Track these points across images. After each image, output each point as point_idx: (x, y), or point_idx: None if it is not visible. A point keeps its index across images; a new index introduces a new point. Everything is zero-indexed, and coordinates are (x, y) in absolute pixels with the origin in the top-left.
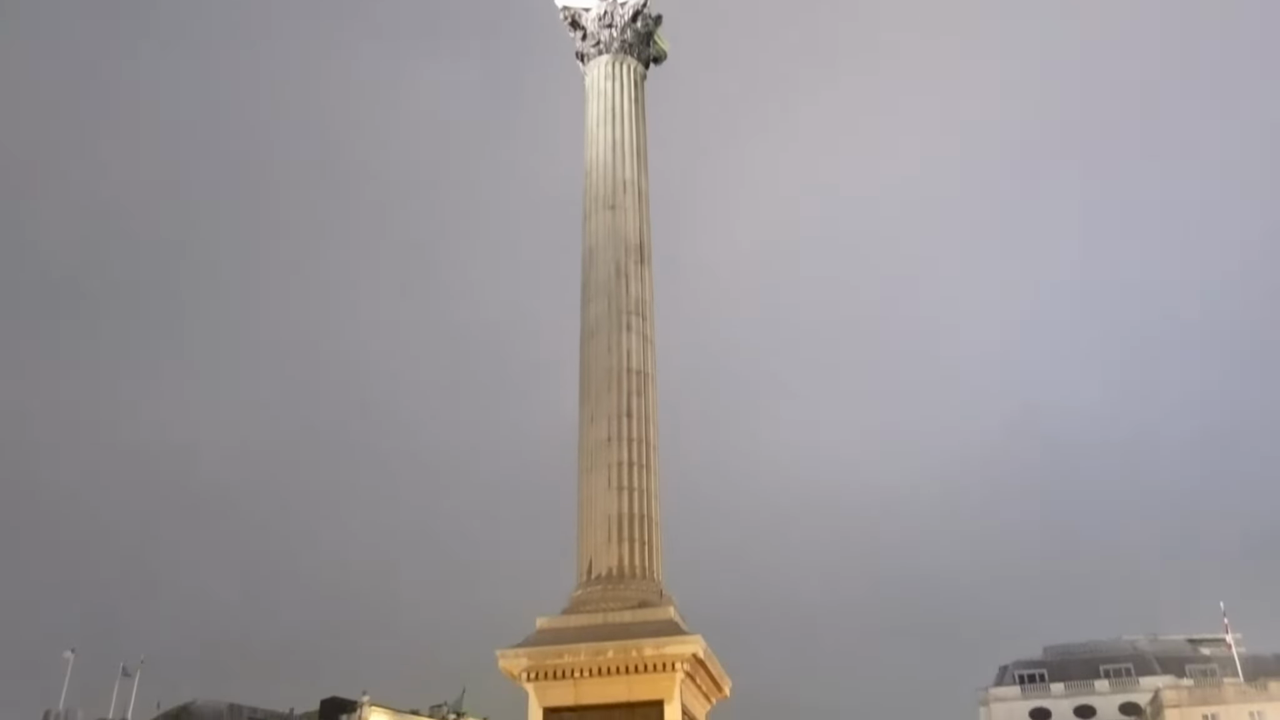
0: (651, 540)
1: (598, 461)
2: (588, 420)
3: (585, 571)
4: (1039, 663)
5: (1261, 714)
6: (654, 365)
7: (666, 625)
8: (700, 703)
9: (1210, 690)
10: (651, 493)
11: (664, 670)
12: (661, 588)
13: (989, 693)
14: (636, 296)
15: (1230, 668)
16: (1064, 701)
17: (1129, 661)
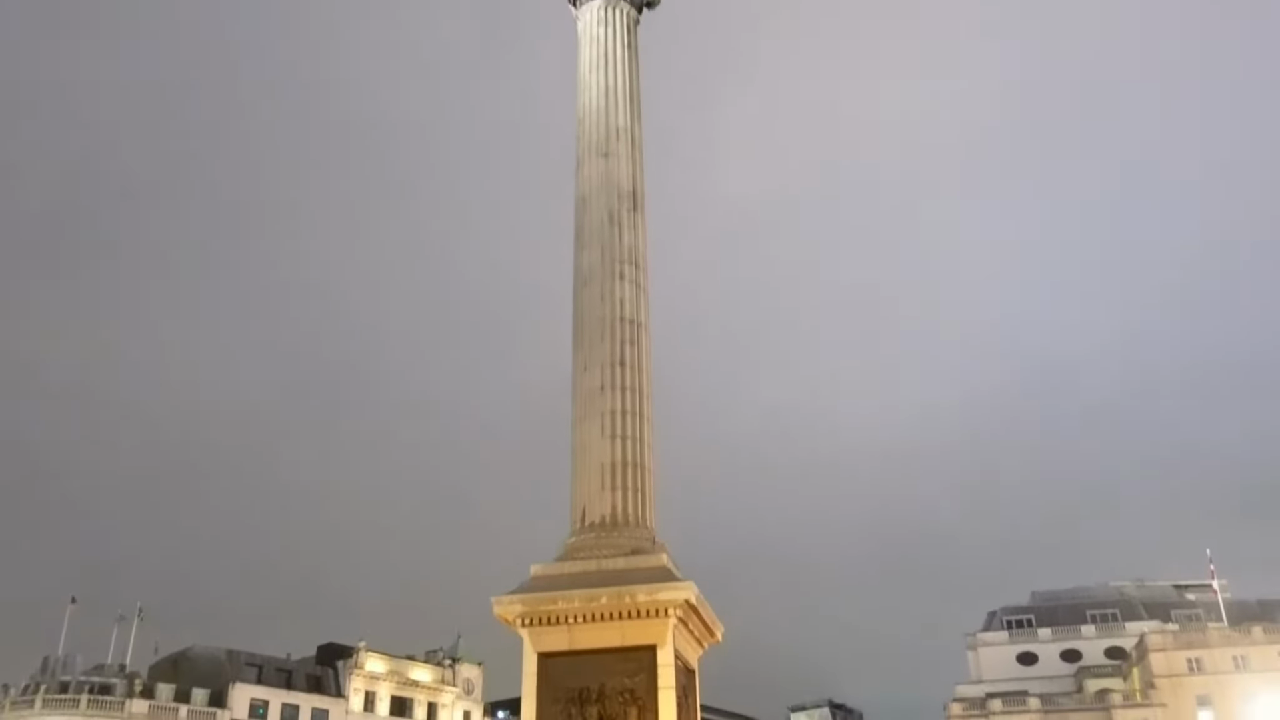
0: (644, 488)
1: (591, 410)
2: (581, 369)
3: (579, 519)
4: (1027, 608)
5: (1245, 658)
6: (647, 314)
7: (659, 572)
8: (693, 647)
9: (1195, 635)
10: (644, 441)
11: (657, 616)
12: (654, 535)
13: (977, 637)
14: (630, 245)
15: (1215, 613)
16: (1050, 646)
17: (1115, 607)
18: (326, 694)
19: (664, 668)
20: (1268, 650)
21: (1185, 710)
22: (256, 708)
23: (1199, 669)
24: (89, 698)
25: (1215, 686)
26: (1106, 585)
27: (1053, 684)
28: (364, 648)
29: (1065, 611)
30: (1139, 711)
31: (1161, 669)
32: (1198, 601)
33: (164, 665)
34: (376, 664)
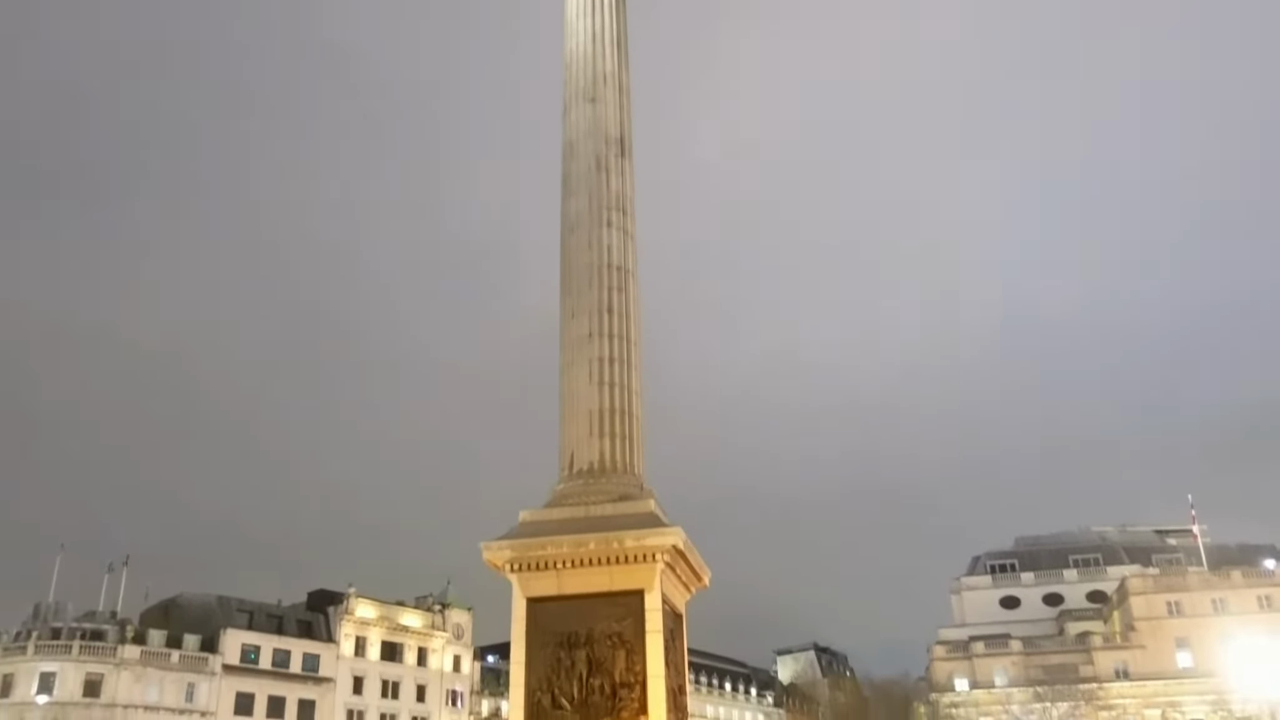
0: (632, 435)
1: (579, 357)
2: (568, 316)
3: (567, 466)
4: (1010, 553)
5: (1223, 601)
6: (635, 261)
7: (647, 518)
8: (680, 592)
9: (1175, 578)
10: (632, 388)
11: (644, 561)
12: (642, 481)
13: (961, 582)
14: (617, 191)
15: (1195, 557)
16: (1033, 590)
17: (1097, 552)
18: (317, 639)
19: (652, 612)
20: (1246, 594)
21: (1164, 652)
22: (248, 653)
23: (1178, 612)
24: (81, 644)
25: (1194, 629)
26: (1089, 530)
27: (1035, 627)
28: (354, 594)
29: (1048, 556)
30: (1118, 653)
31: (1141, 612)
32: (1179, 546)
33: (155, 612)
34: (367, 610)
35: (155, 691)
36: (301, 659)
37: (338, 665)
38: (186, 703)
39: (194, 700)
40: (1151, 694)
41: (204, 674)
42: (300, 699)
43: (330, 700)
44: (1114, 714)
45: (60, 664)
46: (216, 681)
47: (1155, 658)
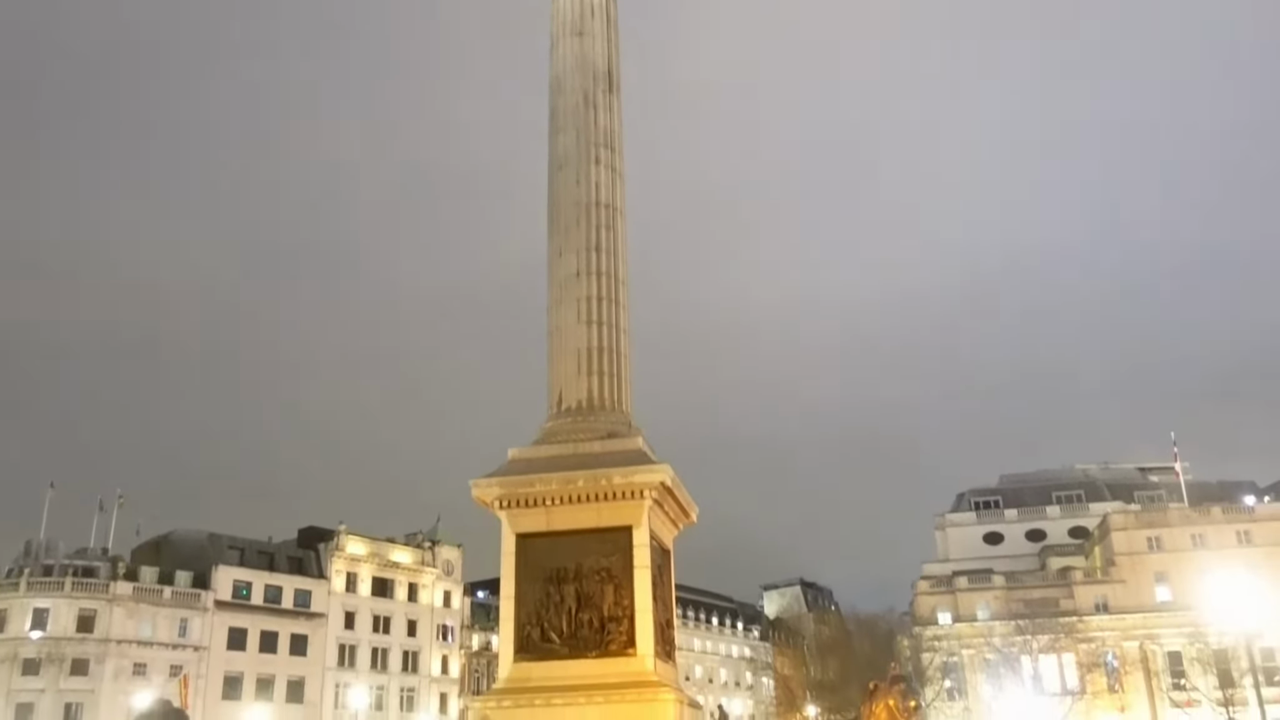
0: (620, 373)
1: (567, 295)
2: (556, 254)
3: (555, 403)
4: (994, 490)
5: (1202, 536)
6: (623, 199)
7: (635, 455)
8: (668, 528)
9: (1156, 515)
10: (620, 327)
11: (632, 498)
12: (630, 419)
13: (945, 518)
14: (605, 128)
15: (1177, 494)
16: (1016, 526)
17: (1080, 489)
18: (309, 576)
19: (639, 548)
20: (1225, 529)
21: (1143, 586)
22: (240, 589)
23: (1158, 547)
24: (74, 580)
25: (1173, 564)
26: (1072, 468)
27: (1017, 563)
28: (344, 531)
29: (1031, 493)
30: (1098, 588)
31: (1122, 547)
32: (1160, 484)
33: (146, 549)
34: (357, 546)
35: (148, 627)
36: (293, 595)
37: (329, 601)
38: (180, 637)
39: (187, 635)
40: (1130, 627)
41: (196, 610)
42: (293, 634)
43: (322, 635)
44: (1092, 646)
45: (53, 600)
46: (209, 617)
47: (1134, 592)
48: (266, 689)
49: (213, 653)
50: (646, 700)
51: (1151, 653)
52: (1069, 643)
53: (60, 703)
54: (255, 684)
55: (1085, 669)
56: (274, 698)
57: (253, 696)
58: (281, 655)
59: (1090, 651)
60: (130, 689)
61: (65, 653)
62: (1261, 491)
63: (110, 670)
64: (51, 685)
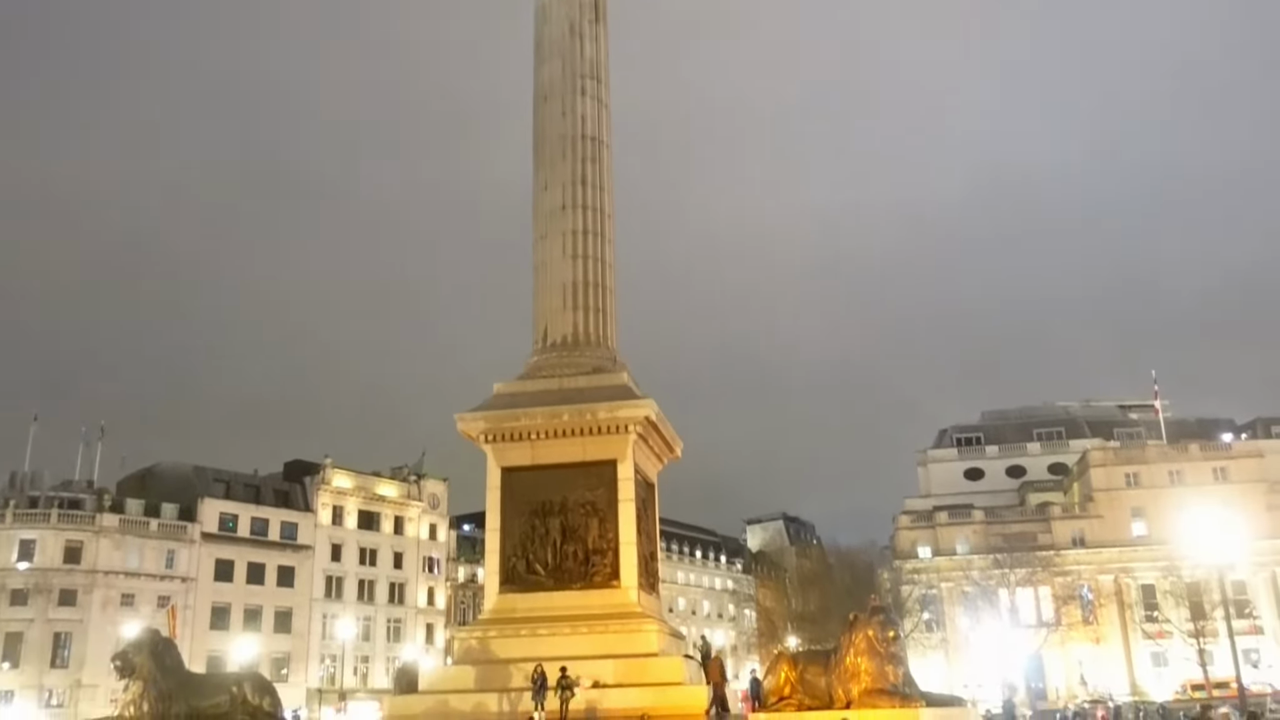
0: (606, 308)
1: (552, 229)
2: (541, 187)
3: (541, 338)
4: (976, 427)
5: (1179, 473)
6: (609, 131)
7: (620, 390)
8: (652, 462)
9: (1134, 451)
10: (606, 261)
11: (617, 432)
12: (615, 354)
13: (927, 454)
14: (591, 59)
15: (1156, 432)
16: (997, 462)
17: (1061, 426)
18: (295, 509)
19: (624, 481)
20: (1202, 466)
21: (1120, 521)
22: (226, 521)
23: (1136, 483)
24: (59, 512)
25: (1150, 499)
26: (1053, 405)
27: (997, 498)
28: (330, 464)
29: (1012, 430)
30: (1076, 522)
31: (1100, 483)
32: (1140, 421)
33: (131, 481)
34: (343, 480)
35: (135, 558)
36: (279, 528)
37: (316, 533)
38: (167, 569)
39: (174, 567)
40: (1105, 561)
41: (183, 541)
42: (279, 565)
43: (309, 567)
44: (1068, 580)
45: (39, 532)
46: (196, 549)
47: (1111, 527)
48: (254, 619)
49: (200, 584)
50: (630, 631)
51: (1126, 586)
52: (1045, 576)
53: (49, 632)
54: (243, 614)
55: (1061, 602)
56: (262, 628)
57: (240, 627)
58: (269, 587)
59: (1066, 585)
60: (118, 619)
61: (53, 583)
62: (1239, 429)
63: (98, 600)
64: (40, 615)
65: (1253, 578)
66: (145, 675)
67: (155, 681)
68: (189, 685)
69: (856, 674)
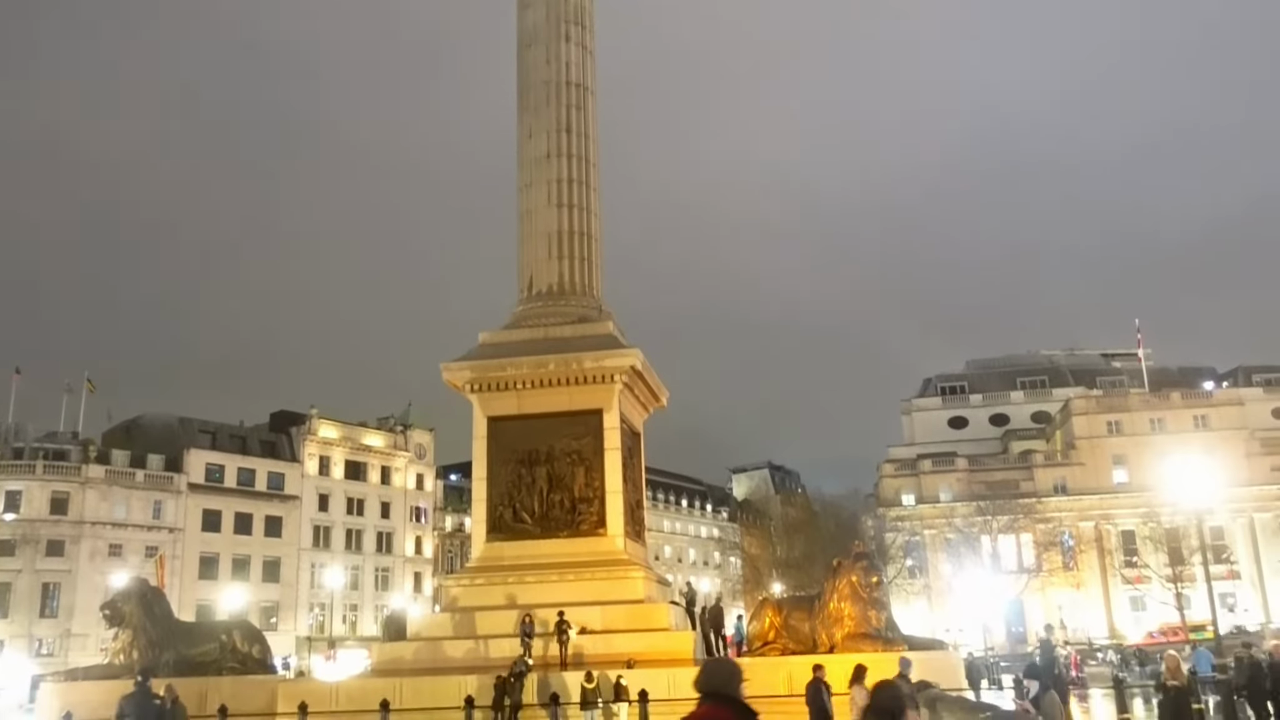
0: (591, 257)
1: (537, 177)
2: (526, 135)
3: (526, 287)
4: (960, 375)
5: (1161, 420)
6: (594, 78)
7: (605, 339)
8: (638, 412)
9: (1116, 399)
10: (591, 210)
11: (603, 381)
12: (601, 303)
13: (912, 403)
14: (576, 4)
15: (1138, 380)
16: (981, 411)
17: (1044, 374)
18: (281, 459)
19: (610, 430)
20: (1183, 414)
21: (1101, 469)
22: (212, 472)
23: (1118, 431)
24: (45, 463)
25: (1131, 447)
26: (1037, 354)
27: (981, 446)
28: (315, 414)
29: (996, 378)
30: (1058, 470)
31: (1083, 431)
32: (1123, 369)
33: (116, 432)
34: (329, 430)
35: (122, 509)
36: (266, 478)
37: (302, 484)
38: (154, 519)
39: (161, 517)
40: (1086, 507)
41: (170, 492)
42: (267, 515)
43: (296, 517)
44: (1050, 526)
45: (25, 483)
46: (182, 499)
47: (1093, 474)
48: (243, 569)
49: (188, 534)
50: (616, 578)
51: (1106, 532)
52: (1027, 523)
53: (38, 583)
54: (231, 564)
55: (1042, 548)
56: (250, 577)
57: (229, 576)
58: (256, 536)
59: (1048, 531)
60: (106, 569)
61: (40, 534)
62: (1220, 377)
63: (86, 551)
64: (28, 566)
65: (1230, 524)
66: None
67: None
68: (178, 633)
69: (840, 619)
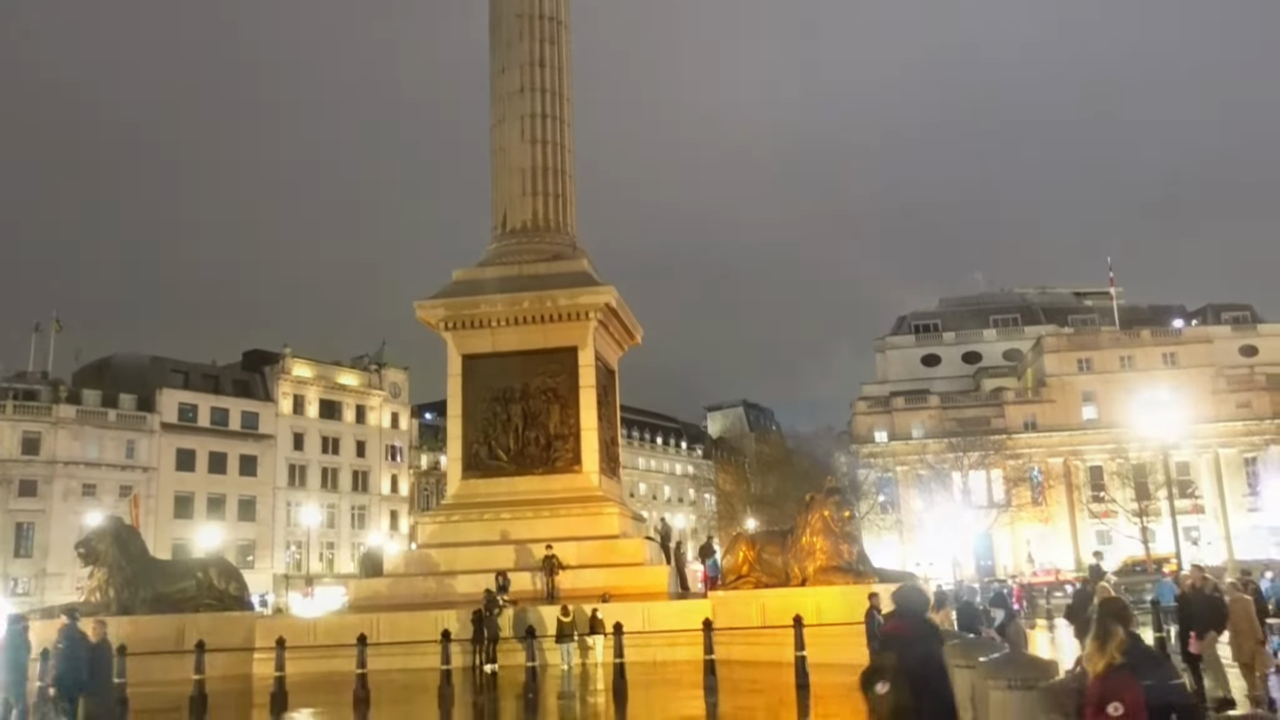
0: (565, 193)
1: (510, 112)
2: (499, 70)
3: (500, 224)
4: (934, 314)
5: (1130, 358)
6: (567, 11)
7: (580, 276)
8: (613, 349)
9: (1087, 337)
10: (565, 146)
11: (578, 319)
12: (575, 240)
13: (885, 340)
14: None
15: (1110, 318)
16: (953, 349)
17: (1017, 312)
18: (255, 399)
19: (585, 368)
20: (1153, 351)
21: (1071, 406)
22: (186, 411)
23: (1088, 369)
24: (15, 403)
25: (1101, 384)
26: (1010, 292)
27: (953, 384)
28: (289, 354)
29: (970, 316)
30: (1029, 407)
31: (1053, 369)
32: (1095, 307)
33: (87, 372)
34: (303, 370)
35: (95, 449)
36: (240, 417)
37: (277, 423)
38: (127, 459)
39: (134, 457)
40: (1056, 444)
41: (143, 432)
42: (242, 455)
43: (271, 456)
44: (1020, 462)
45: None
46: (156, 439)
47: (1063, 411)
48: (218, 508)
49: (162, 474)
50: (591, 514)
51: (1075, 468)
52: (998, 459)
53: (11, 523)
54: (206, 503)
55: (1012, 483)
56: (226, 516)
57: (204, 515)
58: (231, 476)
59: (1017, 467)
60: (80, 509)
61: (12, 474)
62: (1190, 315)
63: (59, 491)
64: (1, 506)
65: (1196, 459)
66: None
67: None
68: (154, 571)
69: (812, 552)
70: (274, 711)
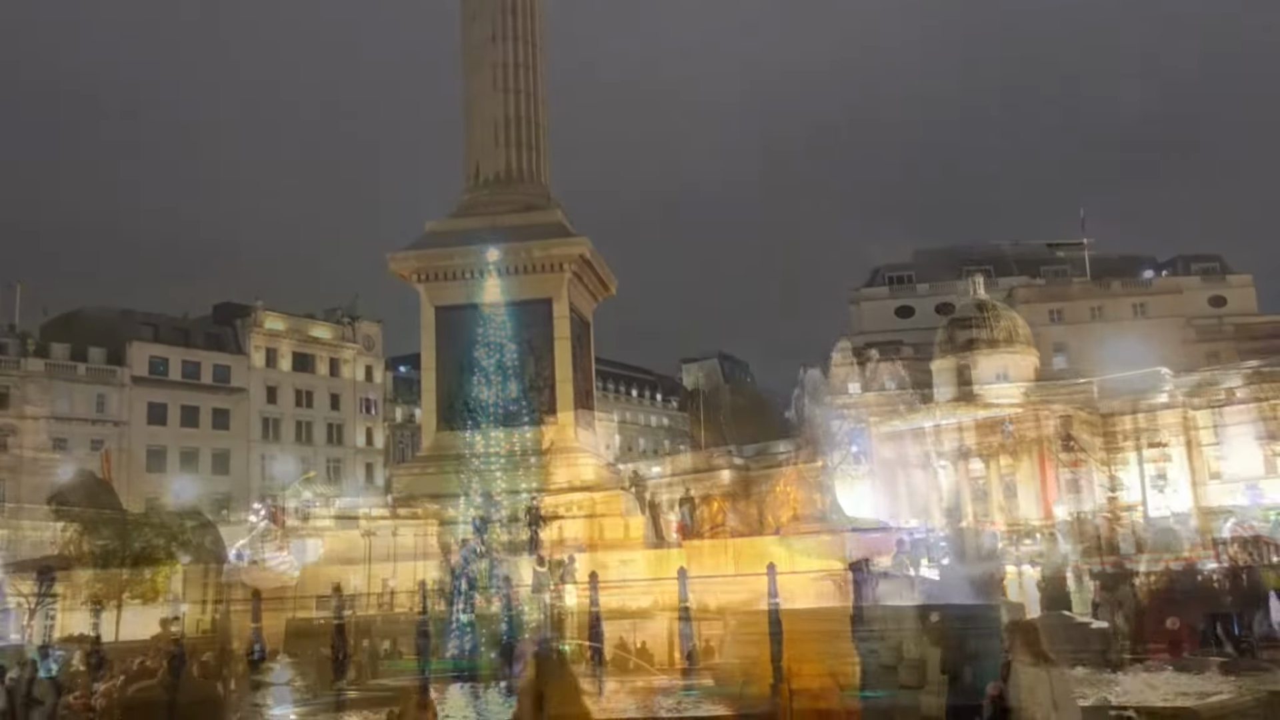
0: (539, 144)
1: (481, 61)
2: (470, 17)
3: (473, 175)
4: (908, 265)
5: (1101, 309)
6: None
7: (554, 228)
8: (587, 300)
9: (1059, 288)
10: (538, 95)
11: (552, 270)
12: (549, 191)
13: (860, 293)
14: None
15: (1081, 269)
16: (927, 300)
17: (990, 264)
18: (227, 351)
19: (559, 319)
20: (1123, 302)
21: (1043, 356)
22: (156, 365)
23: (1059, 319)
24: None
25: (1072, 335)
26: (984, 243)
27: (927, 335)
28: (261, 307)
29: (943, 268)
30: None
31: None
32: (1067, 259)
33: (55, 326)
34: (275, 323)
35: (65, 403)
36: (212, 370)
37: (250, 376)
38: (98, 413)
39: (105, 410)
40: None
41: (113, 385)
42: (214, 408)
43: (245, 409)
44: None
45: None
46: (126, 393)
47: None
48: (191, 461)
49: (133, 427)
50: (567, 465)
51: (1044, 418)
52: (969, 409)
53: None
54: (179, 457)
55: (983, 433)
56: (199, 470)
57: (178, 469)
58: (204, 429)
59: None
60: (51, 463)
61: None
62: (1160, 266)
63: (29, 445)
64: None
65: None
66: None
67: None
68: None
69: (785, 501)
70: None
